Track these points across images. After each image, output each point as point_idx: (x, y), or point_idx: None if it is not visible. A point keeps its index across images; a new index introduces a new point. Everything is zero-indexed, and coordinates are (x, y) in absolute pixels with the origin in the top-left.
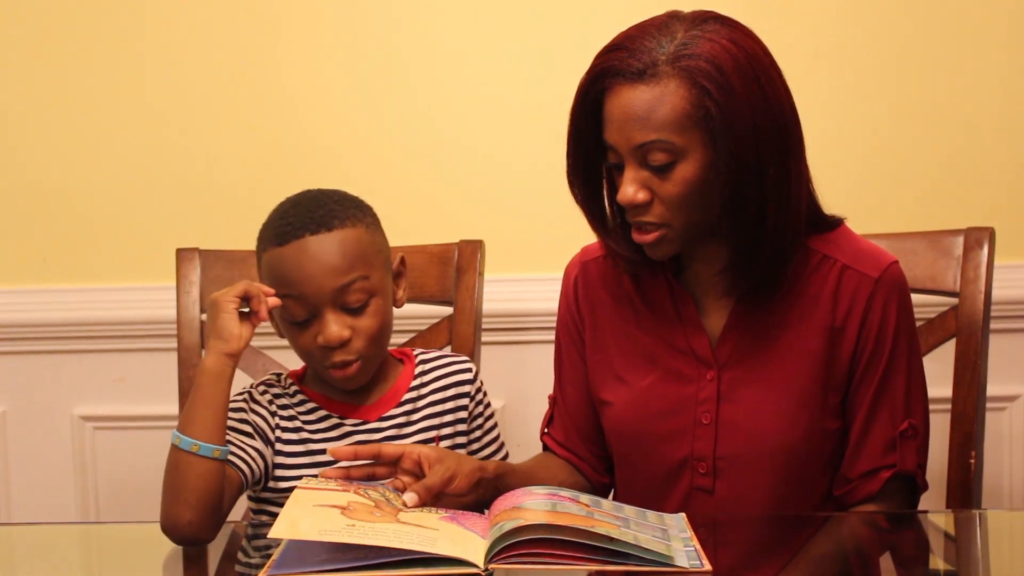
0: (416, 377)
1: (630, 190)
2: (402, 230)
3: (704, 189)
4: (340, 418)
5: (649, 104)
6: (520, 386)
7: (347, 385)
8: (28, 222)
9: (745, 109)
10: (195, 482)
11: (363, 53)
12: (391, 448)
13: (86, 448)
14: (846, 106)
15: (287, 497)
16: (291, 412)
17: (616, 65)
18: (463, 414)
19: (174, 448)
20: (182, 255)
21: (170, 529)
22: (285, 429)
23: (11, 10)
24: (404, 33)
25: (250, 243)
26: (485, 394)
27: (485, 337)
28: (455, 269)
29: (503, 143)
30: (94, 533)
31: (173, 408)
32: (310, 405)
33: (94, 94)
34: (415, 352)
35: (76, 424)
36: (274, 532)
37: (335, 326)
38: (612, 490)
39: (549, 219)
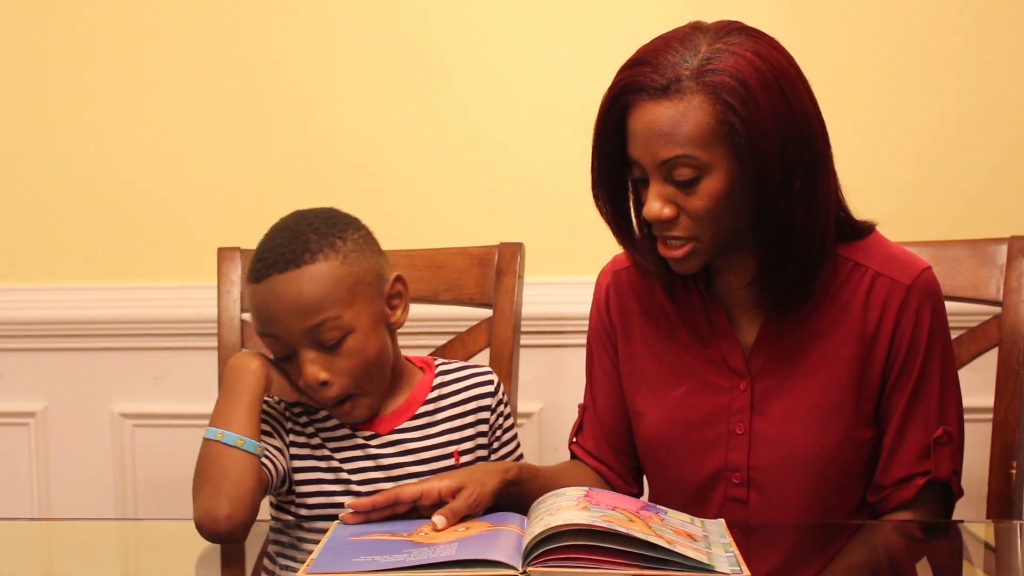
0: (434, 388)
1: (656, 206)
2: (443, 232)
3: (730, 203)
4: (352, 428)
5: (673, 120)
6: (558, 390)
7: (349, 420)
8: (70, 220)
9: (770, 122)
10: (239, 475)
11: (403, 55)
12: (409, 491)
13: (125, 445)
14: (888, 113)
15: (308, 503)
16: (307, 419)
17: (640, 80)
18: (484, 427)
19: (213, 443)
20: (223, 254)
21: (207, 523)
22: (299, 433)
23: (54, 13)
24: (444, 35)
25: None
26: (507, 405)
27: (524, 340)
28: (495, 271)
29: (544, 145)
30: (132, 529)
31: (212, 407)
32: (324, 412)
33: (137, 92)
34: (436, 362)
35: (115, 421)
36: None
37: (310, 367)
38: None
39: (589, 222)
